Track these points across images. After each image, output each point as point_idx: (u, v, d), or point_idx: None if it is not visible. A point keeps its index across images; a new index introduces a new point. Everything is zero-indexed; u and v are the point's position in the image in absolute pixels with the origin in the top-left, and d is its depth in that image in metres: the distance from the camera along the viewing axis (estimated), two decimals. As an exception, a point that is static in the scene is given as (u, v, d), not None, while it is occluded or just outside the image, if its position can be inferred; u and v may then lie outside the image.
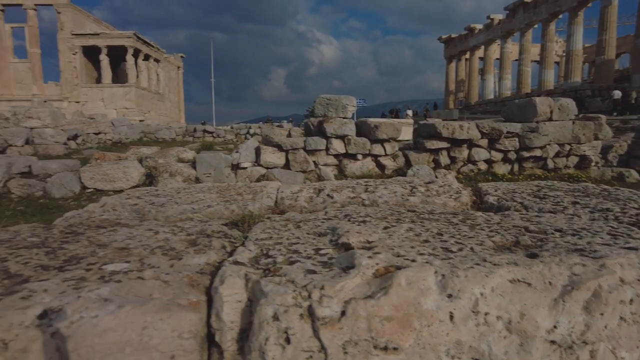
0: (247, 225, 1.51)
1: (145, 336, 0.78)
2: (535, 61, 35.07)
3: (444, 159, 7.78)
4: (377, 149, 7.85)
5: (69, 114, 21.49)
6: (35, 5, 28.24)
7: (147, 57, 33.58)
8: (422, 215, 1.51)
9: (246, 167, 7.52)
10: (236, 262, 1.01)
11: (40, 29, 29.01)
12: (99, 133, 14.89)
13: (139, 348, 0.77)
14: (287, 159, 7.72)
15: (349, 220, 1.41)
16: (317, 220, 1.48)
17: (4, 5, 28.11)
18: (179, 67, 43.25)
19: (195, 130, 21.46)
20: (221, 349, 0.85)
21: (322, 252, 1.07)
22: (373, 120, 8.38)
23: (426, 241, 1.13)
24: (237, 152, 7.66)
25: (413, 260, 0.93)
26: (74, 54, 29.67)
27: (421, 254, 0.99)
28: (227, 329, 0.84)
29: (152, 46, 34.30)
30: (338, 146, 7.85)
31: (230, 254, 1.18)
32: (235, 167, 7.51)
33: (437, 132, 7.63)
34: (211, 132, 21.72)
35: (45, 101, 21.25)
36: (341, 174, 7.86)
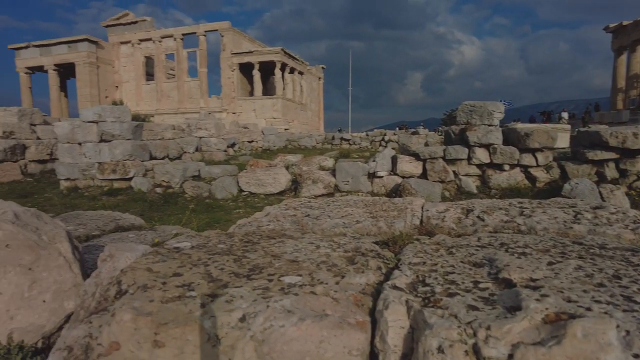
0: (398, 247, 1.56)
1: (322, 349, 0.89)
2: None
3: (610, 171, 6.72)
4: (527, 159, 7.18)
5: (227, 124, 24.56)
6: (205, 31, 33.29)
7: (292, 70, 36.47)
8: (591, 250, 1.37)
9: (382, 176, 7.62)
10: (395, 287, 1.08)
11: (206, 50, 33.93)
12: (252, 141, 16.69)
13: (316, 359, 0.89)
14: (424, 168, 7.59)
15: (506, 251, 1.36)
16: (470, 247, 1.46)
17: (183, 34, 33.81)
18: (319, 78, 45.90)
19: (333, 138, 22.50)
20: (384, 369, 0.92)
21: (481, 285, 1.07)
22: (523, 127, 7.70)
23: (601, 285, 1.03)
24: (373, 161, 7.81)
25: (588, 309, 0.87)
26: (232, 71, 33.93)
27: (597, 302, 0.92)
28: (390, 352, 0.91)
29: (297, 60, 37.14)
30: (482, 155, 7.42)
31: (386, 275, 1.25)
32: (372, 176, 7.66)
33: (603, 141, 6.64)
34: (348, 140, 22.49)
35: (209, 113, 24.70)
36: (484, 185, 7.40)
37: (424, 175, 7.56)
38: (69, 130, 8.56)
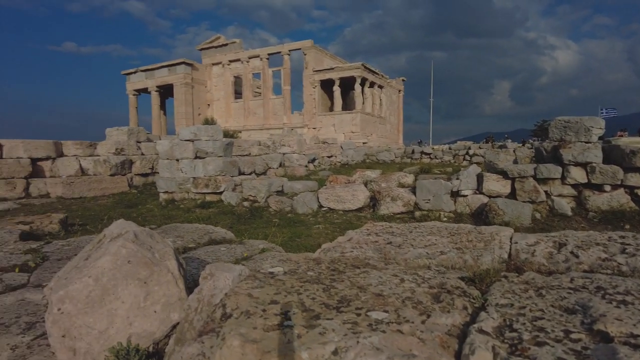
0: (485, 284, 1.56)
1: (409, 388, 0.95)
2: None
3: None
4: (634, 179, 6.48)
5: (308, 139, 25.34)
6: (289, 50, 34.91)
7: (372, 84, 36.66)
8: None
9: (466, 195, 7.35)
10: (481, 331, 1.10)
11: (290, 68, 35.46)
12: (331, 156, 17.04)
13: (404, 397, 0.94)
14: (512, 187, 7.19)
15: (603, 297, 1.30)
16: (561, 289, 1.41)
17: (268, 54, 35.81)
18: (399, 91, 45.54)
19: (413, 152, 22.09)
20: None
21: (572, 336, 1.05)
22: (628, 143, 6.97)
23: None
24: (457, 178, 7.57)
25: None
26: (313, 88, 35.05)
27: None
28: (476, 398, 0.94)
29: (377, 74, 37.28)
30: (577, 175, 6.85)
31: (472, 316, 1.26)
32: (455, 194, 7.42)
33: None
34: (428, 154, 21.93)
35: (292, 129, 25.70)
36: (580, 206, 6.80)
37: (512, 194, 7.15)
38: (168, 147, 9.49)
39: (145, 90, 38.96)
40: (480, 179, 7.36)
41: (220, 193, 8.83)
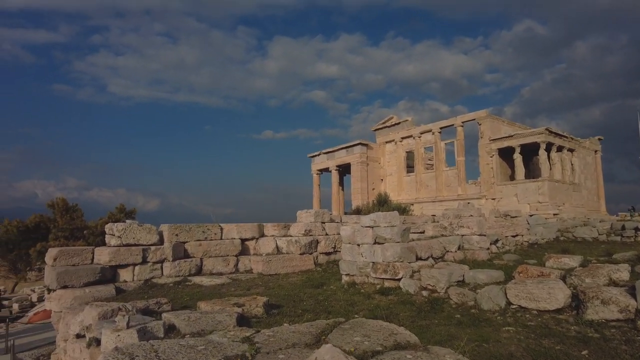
0: None
1: None
2: None
3: None
4: None
5: (487, 211, 23.71)
6: (462, 122, 34.47)
7: (560, 148, 32.77)
8: None
9: None
10: None
11: (463, 139, 34.68)
12: (516, 235, 15.48)
13: None
14: None
15: None
16: None
17: (440, 128, 36.11)
18: (595, 151, 39.38)
19: (623, 228, 18.32)
20: None
21: None
22: None
23: None
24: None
25: None
26: (490, 157, 33.23)
27: None
28: None
29: (565, 137, 33.29)
30: None
31: None
32: (696, 300, 5.81)
33: None
34: (646, 230, 17.87)
35: (468, 202, 24.54)
36: None
37: None
38: (350, 233, 10.19)
39: (326, 170, 43.29)
40: None
41: (398, 280, 8.90)
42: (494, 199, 32.65)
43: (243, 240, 13.50)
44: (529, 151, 32.56)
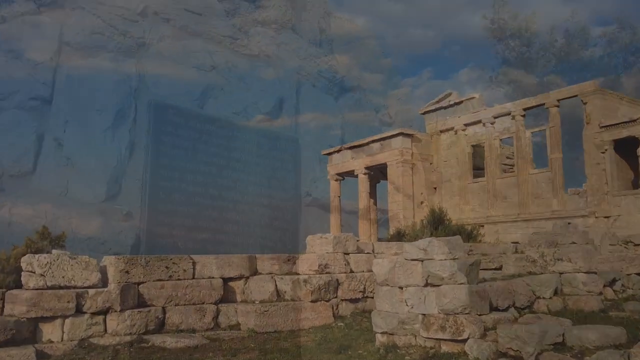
0: None
1: None
2: None
3: None
4: None
5: (596, 234, 23.32)
6: (558, 101, 33.77)
7: None
8: None
9: None
10: None
11: (559, 128, 34.23)
12: (644, 272, 15.19)
13: None
14: None
15: None
16: None
17: (525, 109, 35.37)
18: None
19: None
20: None
21: None
22: None
23: None
24: None
25: None
26: (602, 153, 32.62)
27: None
28: None
29: None
30: None
31: None
32: None
33: None
34: None
35: (568, 222, 24.22)
36: None
37: None
38: (387, 269, 10.13)
39: (350, 173, 43.25)
40: None
41: (463, 341, 8.81)
42: (607, 216, 32.13)
43: (226, 280, 13.48)
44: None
